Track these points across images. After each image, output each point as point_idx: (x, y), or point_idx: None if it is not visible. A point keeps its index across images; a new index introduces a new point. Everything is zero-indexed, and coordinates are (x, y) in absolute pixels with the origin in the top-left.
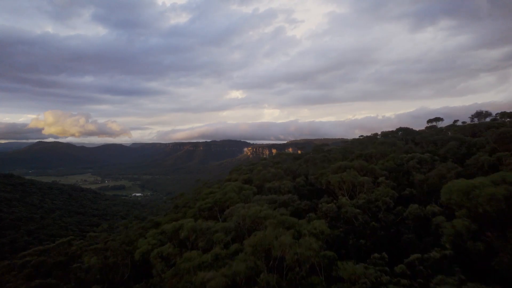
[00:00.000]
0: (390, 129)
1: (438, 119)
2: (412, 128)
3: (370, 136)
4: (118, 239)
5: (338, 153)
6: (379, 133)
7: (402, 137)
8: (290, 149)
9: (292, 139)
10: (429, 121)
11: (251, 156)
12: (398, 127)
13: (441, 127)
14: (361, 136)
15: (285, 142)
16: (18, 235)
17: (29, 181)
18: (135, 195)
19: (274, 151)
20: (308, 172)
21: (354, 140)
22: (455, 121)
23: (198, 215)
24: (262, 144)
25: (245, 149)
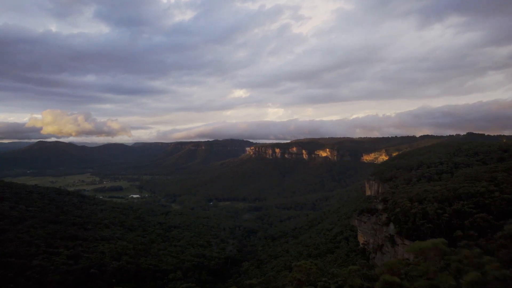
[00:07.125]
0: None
1: None
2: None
3: None
4: None
5: None
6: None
7: None
8: (294, 148)
9: (293, 138)
10: None
11: (253, 156)
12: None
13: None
14: None
15: (288, 141)
16: None
17: (7, 184)
18: (132, 196)
19: (277, 150)
20: None
21: None
22: None
23: None
24: (265, 143)
25: (247, 148)
